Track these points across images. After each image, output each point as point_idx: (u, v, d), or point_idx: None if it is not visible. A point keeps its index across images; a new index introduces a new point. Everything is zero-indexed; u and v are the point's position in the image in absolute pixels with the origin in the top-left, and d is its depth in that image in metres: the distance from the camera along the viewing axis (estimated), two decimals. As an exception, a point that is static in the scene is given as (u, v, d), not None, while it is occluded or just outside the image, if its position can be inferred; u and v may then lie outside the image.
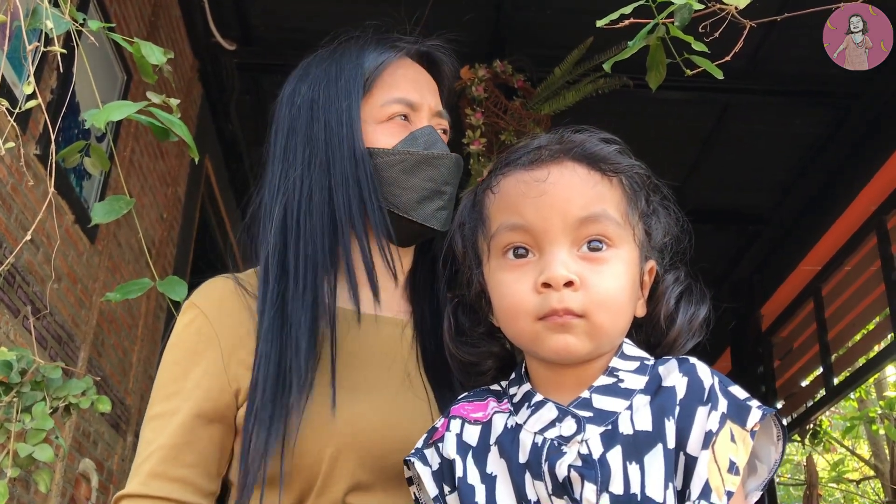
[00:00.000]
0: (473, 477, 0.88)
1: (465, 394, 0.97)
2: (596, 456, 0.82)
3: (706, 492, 0.79)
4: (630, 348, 0.90)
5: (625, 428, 0.83)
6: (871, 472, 7.50)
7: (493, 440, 0.89)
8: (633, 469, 0.81)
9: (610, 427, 0.84)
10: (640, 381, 0.86)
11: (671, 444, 0.82)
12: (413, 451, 0.93)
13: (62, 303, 2.88)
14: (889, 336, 4.34)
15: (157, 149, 3.81)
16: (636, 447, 0.82)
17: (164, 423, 1.05)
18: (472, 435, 0.91)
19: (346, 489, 1.00)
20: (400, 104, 1.17)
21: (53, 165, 1.38)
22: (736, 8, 1.20)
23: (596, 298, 0.83)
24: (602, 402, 0.85)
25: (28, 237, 1.35)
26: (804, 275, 5.00)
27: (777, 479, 8.85)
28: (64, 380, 1.54)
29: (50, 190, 1.38)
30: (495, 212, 0.91)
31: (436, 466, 0.91)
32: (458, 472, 0.88)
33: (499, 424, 0.90)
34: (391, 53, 1.20)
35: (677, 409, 0.83)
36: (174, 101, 1.35)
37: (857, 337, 4.87)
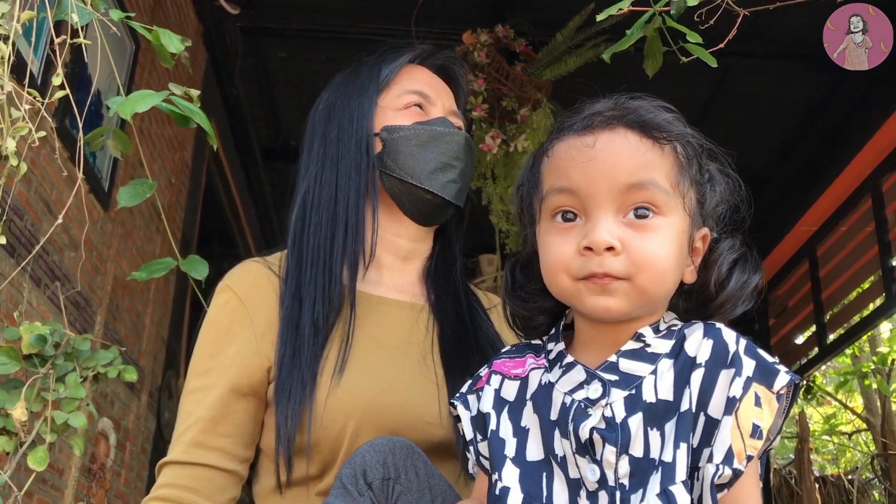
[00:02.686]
0: (506, 431, 0.92)
1: (507, 349, 1.01)
2: (619, 419, 0.84)
3: (729, 457, 0.80)
4: (663, 322, 0.91)
5: (648, 395, 0.85)
6: (863, 425, 7.66)
7: (528, 395, 0.93)
8: (654, 435, 0.83)
9: (634, 392, 0.85)
10: (666, 346, 0.87)
11: (690, 407, 0.82)
12: (457, 394, 0.99)
13: (79, 270, 2.97)
14: (881, 296, 4.43)
15: (164, 114, 3.85)
16: (657, 414, 0.84)
17: (202, 396, 1.14)
18: (510, 390, 0.95)
19: None
20: (416, 95, 1.28)
21: (81, 153, 1.46)
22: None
23: (638, 262, 0.85)
24: (628, 366, 0.87)
25: (59, 220, 1.43)
26: (800, 235, 5.07)
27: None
28: (92, 350, 1.64)
29: (79, 175, 1.46)
30: (547, 175, 0.92)
31: (474, 412, 0.96)
32: (492, 426, 0.92)
33: (534, 380, 0.94)
34: (407, 56, 1.31)
35: (700, 372, 0.83)
36: (195, 92, 1.43)
37: (852, 296, 4.96)
